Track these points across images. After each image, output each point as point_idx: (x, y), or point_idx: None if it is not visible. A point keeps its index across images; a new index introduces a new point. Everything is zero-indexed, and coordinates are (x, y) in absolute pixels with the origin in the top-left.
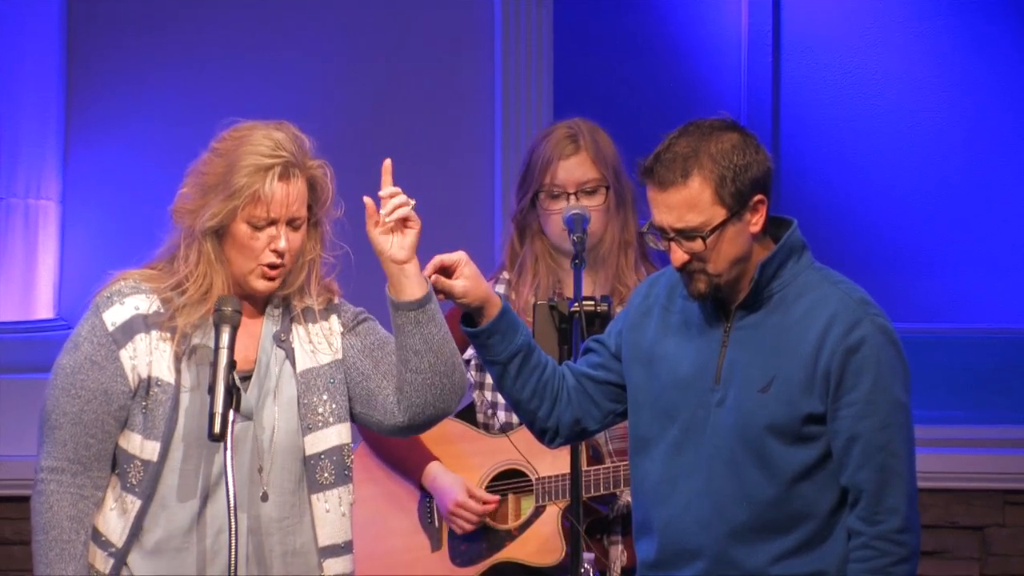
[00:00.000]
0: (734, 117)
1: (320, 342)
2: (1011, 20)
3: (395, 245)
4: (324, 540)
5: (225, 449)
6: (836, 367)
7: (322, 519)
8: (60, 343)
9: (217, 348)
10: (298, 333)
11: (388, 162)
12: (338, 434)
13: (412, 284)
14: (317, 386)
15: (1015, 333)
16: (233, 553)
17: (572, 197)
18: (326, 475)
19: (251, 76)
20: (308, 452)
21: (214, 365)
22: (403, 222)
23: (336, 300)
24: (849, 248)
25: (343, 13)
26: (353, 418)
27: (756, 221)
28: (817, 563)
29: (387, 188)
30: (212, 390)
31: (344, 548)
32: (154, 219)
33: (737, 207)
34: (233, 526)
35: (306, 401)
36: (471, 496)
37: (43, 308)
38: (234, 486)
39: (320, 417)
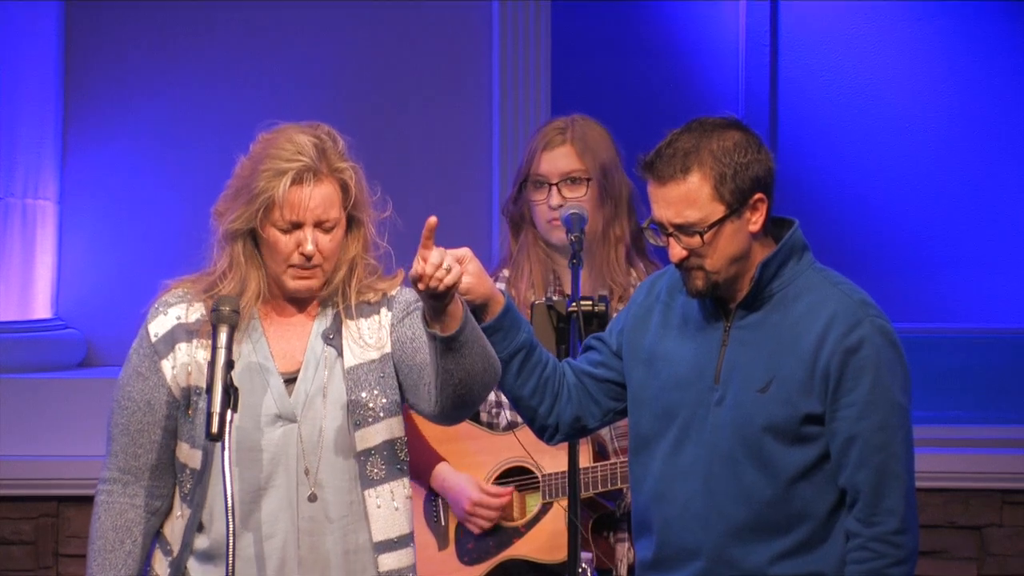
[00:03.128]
0: None
1: (370, 338)
2: (1010, 21)
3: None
4: (378, 536)
5: (223, 449)
6: (835, 368)
7: (374, 515)
8: (58, 343)
9: (215, 348)
10: (348, 330)
11: (433, 220)
12: (388, 428)
13: (449, 320)
14: (368, 381)
15: (1015, 333)
16: (232, 554)
17: (555, 188)
18: (376, 471)
19: (249, 79)
20: (359, 448)
21: (211, 364)
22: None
23: (392, 293)
24: (847, 248)
25: (340, 16)
26: (406, 403)
27: (756, 220)
28: (815, 564)
29: (433, 255)
30: (210, 390)
31: (398, 543)
32: (152, 219)
33: (736, 204)
34: (232, 526)
35: (355, 397)
36: (485, 492)
37: (41, 308)
38: (232, 487)
39: (371, 412)
